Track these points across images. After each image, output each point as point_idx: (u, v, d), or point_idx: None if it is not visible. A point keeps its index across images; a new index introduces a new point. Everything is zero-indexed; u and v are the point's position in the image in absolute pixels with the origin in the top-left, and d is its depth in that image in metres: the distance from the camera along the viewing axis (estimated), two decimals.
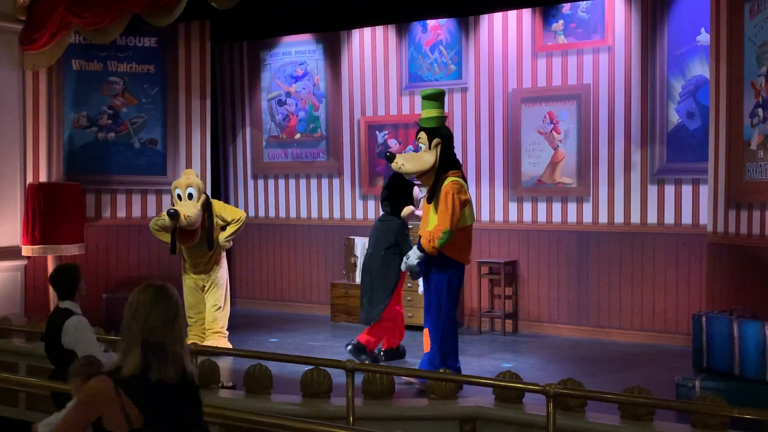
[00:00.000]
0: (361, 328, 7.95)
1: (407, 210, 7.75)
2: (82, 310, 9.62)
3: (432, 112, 6.65)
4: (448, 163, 6.54)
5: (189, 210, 7.89)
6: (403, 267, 6.64)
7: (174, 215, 7.78)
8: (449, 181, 6.39)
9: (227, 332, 8.35)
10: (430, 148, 6.53)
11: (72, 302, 5.18)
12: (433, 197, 6.42)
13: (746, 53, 6.86)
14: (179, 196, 8.04)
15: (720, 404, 4.60)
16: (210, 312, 8.27)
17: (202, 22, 10.23)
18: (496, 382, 5.15)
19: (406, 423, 5.41)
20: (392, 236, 7.66)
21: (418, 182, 7.05)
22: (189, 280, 8.33)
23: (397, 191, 7.78)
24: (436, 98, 6.69)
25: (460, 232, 6.40)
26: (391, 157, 6.70)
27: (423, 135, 6.58)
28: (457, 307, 6.66)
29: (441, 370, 5.90)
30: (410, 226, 7.92)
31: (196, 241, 8.13)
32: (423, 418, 5.48)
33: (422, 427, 5.41)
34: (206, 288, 8.31)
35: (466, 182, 6.63)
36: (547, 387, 4.42)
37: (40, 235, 8.97)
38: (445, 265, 6.43)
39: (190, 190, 8.01)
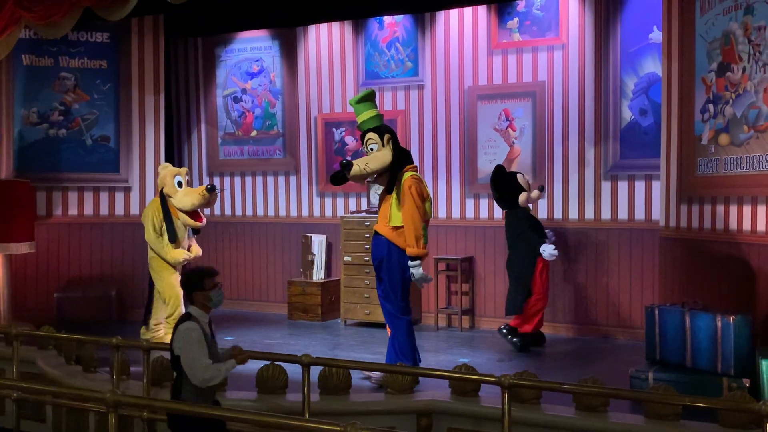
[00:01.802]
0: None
1: (522, 197, 8.04)
2: (33, 307, 9.48)
3: (370, 113, 6.74)
4: (402, 157, 6.59)
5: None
6: (419, 286, 6.71)
7: (213, 189, 7.99)
8: (408, 176, 6.43)
9: None
10: (383, 145, 6.56)
11: (195, 308, 4.68)
12: (391, 191, 6.45)
13: (697, 50, 6.96)
14: (180, 183, 8.02)
15: (672, 394, 4.66)
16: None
17: (155, 17, 10.10)
18: (452, 375, 5.16)
19: (362, 417, 5.39)
20: (516, 227, 8.04)
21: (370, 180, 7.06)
22: (173, 276, 8.00)
23: (503, 187, 8.12)
24: (369, 99, 6.78)
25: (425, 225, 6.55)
26: (347, 165, 6.56)
27: (372, 135, 6.64)
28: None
29: (398, 364, 5.90)
30: (530, 206, 8.23)
31: (205, 222, 8.28)
32: (379, 412, 5.47)
33: (379, 421, 5.39)
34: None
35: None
36: (502, 378, 4.43)
37: None
38: (396, 257, 6.52)
39: (187, 177, 8.20)
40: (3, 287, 8.86)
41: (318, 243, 9.97)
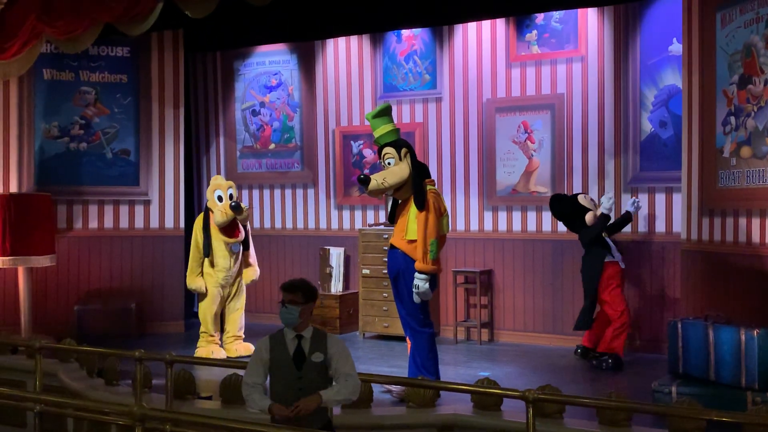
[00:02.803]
0: None
1: (589, 217, 8.01)
2: (53, 320, 9.55)
3: (387, 128, 6.74)
4: (420, 171, 6.59)
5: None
6: (416, 299, 6.51)
7: (237, 207, 8.09)
8: (427, 191, 6.43)
9: None
10: (401, 160, 6.57)
11: None
12: (424, 202, 6.43)
13: (718, 62, 6.94)
14: (220, 198, 8.29)
15: (698, 408, 4.61)
16: (238, 317, 8.51)
17: (175, 32, 10.17)
18: (476, 389, 5.14)
19: None
20: (585, 245, 8.03)
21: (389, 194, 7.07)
22: (215, 288, 8.35)
23: (569, 212, 8.14)
24: (385, 113, 6.79)
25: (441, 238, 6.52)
26: (365, 180, 6.59)
27: (389, 149, 6.64)
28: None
29: (419, 378, 5.88)
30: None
31: (243, 236, 8.41)
32: (401, 426, 5.44)
33: None
34: (232, 292, 8.48)
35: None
36: (526, 392, 4.40)
37: (11, 247, 8.81)
38: (410, 271, 6.49)
39: (230, 191, 8.36)
40: (24, 300, 8.92)
41: (336, 256, 9.98)
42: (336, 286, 9.91)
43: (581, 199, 8.11)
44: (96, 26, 8.55)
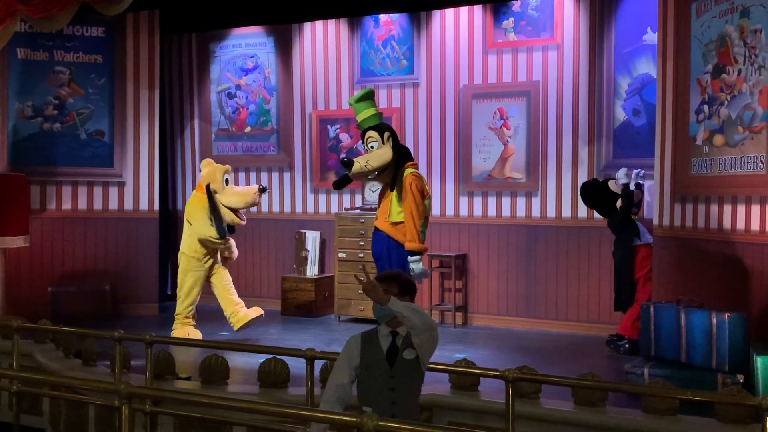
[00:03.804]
0: None
1: (620, 202, 7.88)
2: (27, 302, 9.49)
3: (370, 111, 6.86)
4: (402, 154, 6.68)
5: None
6: (418, 282, 6.58)
7: (264, 191, 8.42)
8: (409, 173, 6.52)
9: None
10: (384, 143, 6.66)
11: None
12: (393, 188, 6.52)
13: (693, 51, 7.06)
14: (227, 181, 8.44)
15: (672, 388, 4.74)
16: (233, 290, 8.56)
17: (150, 13, 10.10)
18: (456, 368, 5.23)
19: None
20: (615, 229, 7.95)
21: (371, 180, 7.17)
22: (202, 271, 8.41)
23: (599, 202, 8.07)
24: (369, 97, 6.91)
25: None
26: (348, 163, 6.69)
27: (372, 133, 6.78)
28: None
29: None
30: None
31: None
32: None
33: None
34: (214, 270, 8.49)
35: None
36: (506, 372, 4.50)
37: None
38: (396, 251, 6.67)
39: (226, 176, 8.48)
40: None
41: (312, 239, 10.01)
42: (312, 270, 9.95)
43: (612, 184, 8.01)
44: (72, 6, 8.48)
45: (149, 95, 10.16)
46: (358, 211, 9.56)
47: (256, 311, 8.39)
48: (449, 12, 9.43)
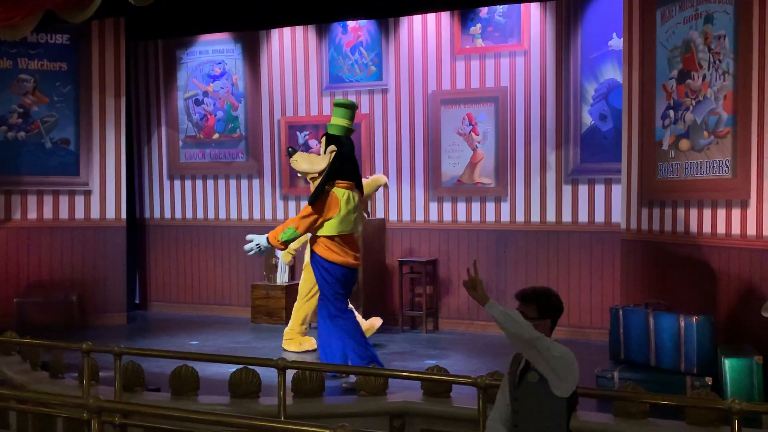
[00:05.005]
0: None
1: None
2: None
3: (340, 121, 6.99)
4: (337, 171, 6.80)
5: None
6: (247, 248, 7.14)
7: (291, 152, 8.30)
8: (334, 190, 6.77)
9: None
10: (325, 153, 6.82)
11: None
12: (316, 200, 6.73)
13: (658, 57, 7.15)
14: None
15: (643, 392, 4.78)
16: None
17: (116, 19, 10.00)
18: (428, 376, 5.23)
19: (336, 420, 5.42)
20: None
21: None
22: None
23: None
24: (347, 108, 7.04)
25: (328, 237, 6.77)
26: (291, 152, 7.24)
27: (324, 140, 7.00)
28: (344, 303, 6.95)
29: (371, 366, 5.95)
30: None
31: None
32: (353, 414, 5.50)
33: (353, 423, 5.42)
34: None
35: (360, 192, 7.00)
36: (478, 379, 4.52)
37: None
38: (315, 262, 6.90)
39: None
40: None
41: None
42: (282, 277, 9.89)
43: None
44: (36, 13, 8.35)
45: (115, 102, 10.05)
46: None
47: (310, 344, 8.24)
48: (417, 18, 9.46)
